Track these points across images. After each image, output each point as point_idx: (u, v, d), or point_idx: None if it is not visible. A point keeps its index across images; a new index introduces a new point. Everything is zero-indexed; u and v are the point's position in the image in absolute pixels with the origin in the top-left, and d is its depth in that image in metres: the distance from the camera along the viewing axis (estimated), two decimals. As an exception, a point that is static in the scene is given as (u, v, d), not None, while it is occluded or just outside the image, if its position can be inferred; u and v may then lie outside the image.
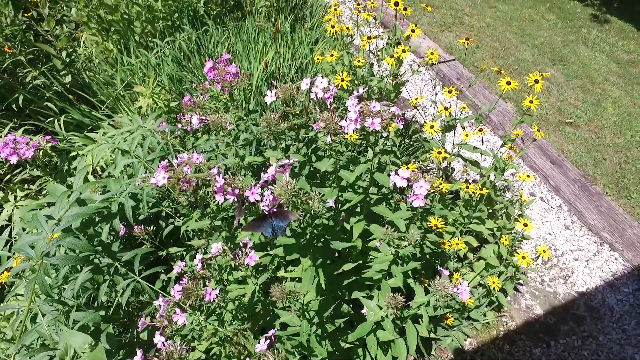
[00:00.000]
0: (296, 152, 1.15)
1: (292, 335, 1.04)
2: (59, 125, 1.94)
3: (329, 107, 0.98)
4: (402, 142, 2.23)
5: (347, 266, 1.09)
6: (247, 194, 0.86)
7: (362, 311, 1.20)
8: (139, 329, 0.84)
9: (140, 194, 1.14)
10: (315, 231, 0.96)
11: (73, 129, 2.11)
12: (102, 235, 1.12)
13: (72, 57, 2.41)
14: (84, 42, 2.64)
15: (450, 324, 1.47)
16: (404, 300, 1.07)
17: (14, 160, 1.25)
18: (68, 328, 1.07)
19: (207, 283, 0.92)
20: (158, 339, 0.81)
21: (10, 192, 1.75)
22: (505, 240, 1.65)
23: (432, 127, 1.47)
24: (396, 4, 1.59)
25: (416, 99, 1.66)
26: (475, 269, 1.83)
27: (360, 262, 1.15)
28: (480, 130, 1.54)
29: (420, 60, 3.24)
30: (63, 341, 1.04)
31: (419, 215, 1.07)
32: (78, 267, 1.21)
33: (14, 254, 1.23)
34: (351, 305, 1.33)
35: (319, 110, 0.96)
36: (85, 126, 2.11)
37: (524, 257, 1.46)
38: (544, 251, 1.57)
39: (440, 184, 1.51)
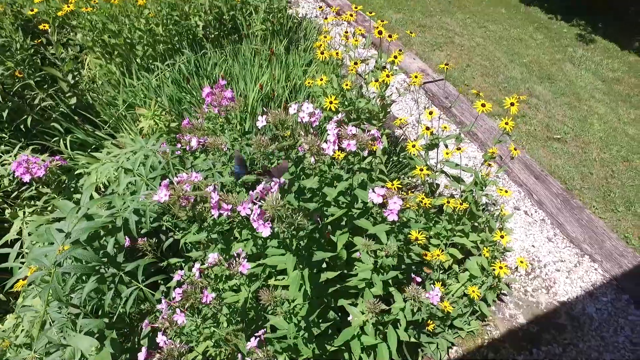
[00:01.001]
0: (287, 175, 1.27)
1: (280, 338, 1.14)
2: (64, 144, 2.07)
3: (312, 130, 1.11)
4: (391, 159, 2.36)
5: (330, 274, 1.20)
6: (239, 209, 0.98)
7: (349, 318, 1.31)
8: (143, 329, 0.95)
9: (144, 209, 1.26)
10: (301, 242, 1.07)
11: (77, 147, 2.24)
12: (107, 248, 1.23)
13: (77, 79, 2.55)
14: (87, 65, 2.79)
15: (431, 330, 1.57)
16: (386, 308, 1.18)
17: (26, 178, 1.37)
18: (76, 333, 1.17)
19: (203, 291, 1.03)
20: (160, 338, 0.92)
21: (18, 209, 1.86)
22: (486, 251, 1.76)
23: (413, 146, 1.60)
24: (380, 32, 1.74)
25: (399, 119, 1.79)
26: (460, 280, 1.93)
27: (344, 270, 1.26)
28: (459, 149, 1.67)
29: (410, 80, 3.40)
30: (72, 344, 1.14)
31: (396, 228, 1.19)
32: (84, 277, 1.31)
33: (25, 265, 1.34)
34: (339, 314, 1.43)
35: (303, 133, 1.09)
36: (89, 145, 2.24)
37: (501, 267, 1.57)
38: (521, 262, 1.68)
39: (423, 199, 1.64)
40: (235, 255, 1.09)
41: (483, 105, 1.57)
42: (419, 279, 1.13)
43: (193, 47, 2.85)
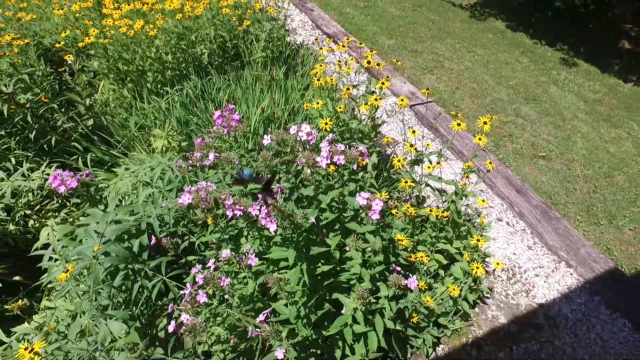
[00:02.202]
0: (286, 181, 1.52)
1: (282, 322, 1.36)
2: (83, 162, 2.31)
3: (309, 147, 1.36)
4: (382, 175, 2.61)
5: (325, 268, 1.42)
6: (249, 210, 1.22)
7: (342, 311, 1.52)
8: (169, 311, 1.16)
9: (166, 214, 1.49)
10: (300, 239, 1.30)
11: (94, 165, 2.48)
12: (133, 248, 1.46)
13: (91, 102, 2.82)
14: (101, 90, 3.06)
15: (415, 322, 1.78)
16: (374, 301, 1.40)
17: (62, 189, 1.60)
18: (106, 321, 1.38)
19: (220, 277, 1.25)
20: (184, 317, 1.14)
21: (44, 220, 2.09)
22: (467, 255, 1.99)
23: (399, 161, 1.85)
24: (369, 62, 2.02)
25: (387, 138, 2.05)
26: (445, 284, 2.16)
27: (337, 267, 1.49)
28: (438, 162, 1.92)
29: (405, 107, 3.68)
30: (103, 329, 1.36)
31: (380, 228, 1.42)
32: (111, 275, 1.53)
33: (59, 263, 1.56)
34: (334, 308, 1.65)
35: (302, 150, 1.33)
36: (105, 163, 2.48)
37: (478, 267, 1.80)
38: (497, 264, 1.91)
39: (408, 208, 1.88)
40: (245, 252, 1.32)
41: (459, 124, 1.83)
42: (398, 268, 1.36)
43: (199, 73, 3.14)
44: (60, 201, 2.24)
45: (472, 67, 5.12)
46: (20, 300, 1.50)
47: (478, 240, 1.85)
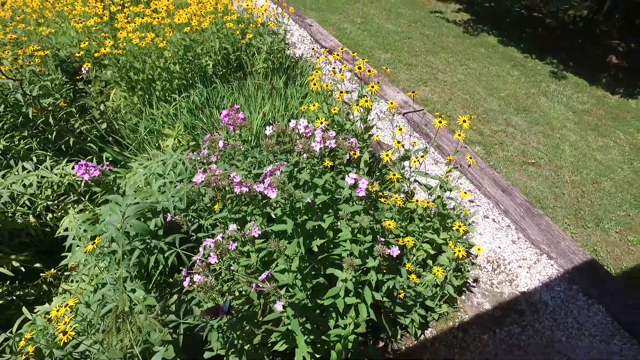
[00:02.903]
0: (286, 169, 1.75)
1: (281, 287, 1.56)
2: (98, 162, 2.54)
3: (305, 137, 1.59)
4: (374, 174, 2.84)
5: (319, 242, 1.63)
6: (255, 187, 1.44)
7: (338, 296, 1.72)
8: (184, 276, 1.37)
9: (180, 196, 1.71)
10: (298, 216, 1.51)
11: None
12: (150, 226, 1.67)
13: (104, 108, 3.07)
14: (112, 97, 3.32)
15: (402, 299, 1.98)
16: (363, 273, 1.61)
17: (86, 177, 1.82)
18: (125, 290, 1.59)
19: (229, 242, 1.47)
20: (197, 278, 1.34)
21: (63, 212, 2.32)
22: (452, 243, 2.20)
23: (387, 155, 2.08)
24: (359, 67, 2.27)
25: (377, 136, 2.29)
26: (433, 272, 2.36)
27: (329, 243, 1.69)
28: (423, 156, 2.15)
29: (394, 110, 3.93)
30: (124, 298, 1.56)
31: (367, 208, 1.64)
32: (128, 255, 1.75)
33: (83, 241, 1.78)
34: (327, 283, 1.85)
35: (299, 138, 1.57)
36: (118, 162, 2.71)
37: (459, 250, 2.01)
38: (479, 249, 2.12)
39: (396, 199, 2.10)
40: (249, 227, 1.54)
41: (440, 122, 2.06)
42: (382, 239, 1.57)
43: (204, 82, 3.40)
44: (76, 197, 2.47)
45: (464, 80, 5.40)
46: (52, 269, 1.70)
47: (460, 226, 2.07)
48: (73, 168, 2.45)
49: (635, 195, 4.06)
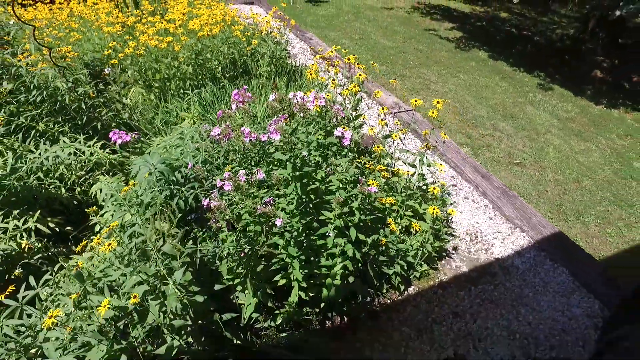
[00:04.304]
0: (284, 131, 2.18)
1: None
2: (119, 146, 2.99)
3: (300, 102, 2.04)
4: (361, 155, 3.26)
5: (313, 186, 2.03)
6: (261, 137, 1.87)
7: (328, 236, 2.12)
8: (204, 206, 1.78)
9: (200, 151, 2.14)
10: (297, 162, 1.93)
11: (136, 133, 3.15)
12: (172, 177, 2.09)
13: (125, 101, 3.54)
14: (130, 95, 3.80)
15: (384, 246, 2.35)
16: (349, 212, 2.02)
17: (119, 141, 2.25)
18: (150, 225, 1.99)
19: (239, 175, 1.88)
20: (213, 203, 1.75)
21: (92, 182, 2.74)
22: (432, 209, 2.60)
23: (372, 129, 2.52)
24: (348, 58, 2.74)
25: (363, 116, 2.73)
26: (415, 238, 2.75)
27: (322, 193, 2.10)
28: (402, 130, 2.58)
29: (386, 110, 4.40)
30: (149, 231, 1.97)
31: (351, 160, 2.06)
32: (151, 204, 2.16)
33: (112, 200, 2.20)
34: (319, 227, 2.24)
35: (297, 103, 2.01)
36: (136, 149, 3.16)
37: (434, 209, 2.40)
38: (452, 211, 2.51)
39: (381, 170, 2.52)
40: (254, 171, 1.96)
41: (416, 100, 2.51)
42: (363, 178, 1.98)
43: (214, 82, 3.89)
44: (102, 174, 2.90)
45: (455, 90, 5.90)
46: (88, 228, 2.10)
47: (434, 188, 2.48)
48: (100, 147, 2.90)
49: (614, 193, 4.45)
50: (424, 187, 2.83)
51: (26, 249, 2.19)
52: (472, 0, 10.09)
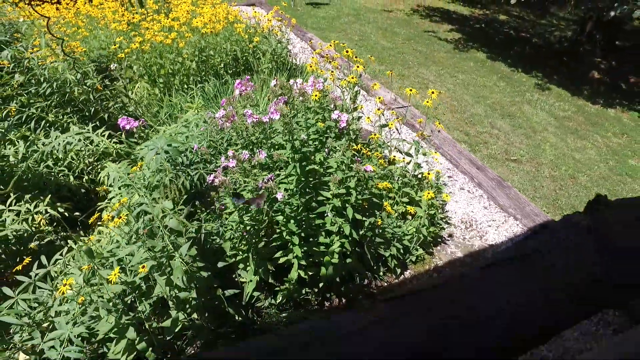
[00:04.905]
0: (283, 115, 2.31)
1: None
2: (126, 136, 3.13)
3: (300, 87, 2.17)
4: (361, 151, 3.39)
5: (312, 167, 2.16)
6: (263, 118, 2.00)
7: (326, 215, 2.24)
8: (210, 182, 1.91)
9: (205, 134, 2.28)
10: (296, 143, 2.06)
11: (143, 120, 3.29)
12: (178, 160, 2.22)
13: (130, 96, 3.69)
14: (135, 90, 3.95)
15: (380, 225, 2.47)
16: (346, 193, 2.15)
17: (127, 127, 2.39)
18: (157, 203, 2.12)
19: (243, 154, 2.01)
20: (217, 179, 1.88)
21: (100, 169, 2.87)
22: (426, 194, 2.73)
23: (368, 117, 2.65)
24: (347, 50, 2.88)
25: (360, 106, 2.86)
26: (411, 224, 2.87)
27: (320, 174, 2.23)
28: (397, 118, 2.71)
29: (385, 106, 4.53)
30: (157, 208, 2.10)
31: (348, 144, 2.19)
32: (157, 184, 2.29)
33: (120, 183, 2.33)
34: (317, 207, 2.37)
35: (296, 88, 2.15)
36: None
37: (429, 193, 2.53)
38: (447, 196, 2.63)
39: (379, 159, 2.65)
40: (257, 152, 2.09)
41: (410, 90, 2.64)
42: (359, 158, 2.11)
43: (216, 78, 4.04)
44: (109, 161, 3.03)
45: (453, 89, 6.05)
46: (95, 213, 2.24)
47: (429, 173, 2.60)
48: (107, 137, 3.04)
49: (609, 189, 4.57)
50: (420, 176, 2.96)
51: (40, 226, 2.32)
52: (471, 3, 10.28)
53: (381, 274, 2.71)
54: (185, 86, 3.90)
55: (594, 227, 0.60)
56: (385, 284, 2.70)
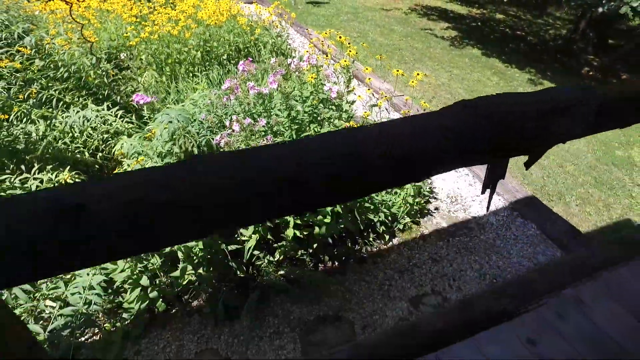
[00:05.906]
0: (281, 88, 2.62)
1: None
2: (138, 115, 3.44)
3: (296, 65, 2.48)
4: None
5: (306, 133, 2.46)
6: (263, 90, 2.31)
7: None
8: (216, 143, 2.21)
9: (213, 106, 2.59)
10: (292, 113, 2.36)
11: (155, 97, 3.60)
12: (189, 128, 2.53)
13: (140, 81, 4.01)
14: (143, 79, 4.26)
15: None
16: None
17: (141, 101, 2.70)
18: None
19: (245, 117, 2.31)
20: (224, 140, 2.18)
21: (113, 143, 3.18)
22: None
23: (359, 97, 2.95)
24: (340, 37, 3.19)
25: (357, 95, 3.17)
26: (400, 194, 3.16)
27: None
28: (387, 97, 3.02)
29: (379, 95, 4.83)
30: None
31: (340, 113, 2.49)
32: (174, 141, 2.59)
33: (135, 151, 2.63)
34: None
35: (292, 66, 2.46)
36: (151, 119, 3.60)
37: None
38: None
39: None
40: (258, 120, 2.39)
41: (397, 70, 2.94)
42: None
43: (220, 67, 4.36)
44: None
45: (448, 83, 6.36)
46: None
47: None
48: (120, 117, 3.35)
49: (595, 177, 4.86)
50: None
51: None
52: (468, 2, 10.63)
53: (371, 239, 3.00)
54: (191, 74, 4.21)
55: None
56: (375, 249, 2.99)
